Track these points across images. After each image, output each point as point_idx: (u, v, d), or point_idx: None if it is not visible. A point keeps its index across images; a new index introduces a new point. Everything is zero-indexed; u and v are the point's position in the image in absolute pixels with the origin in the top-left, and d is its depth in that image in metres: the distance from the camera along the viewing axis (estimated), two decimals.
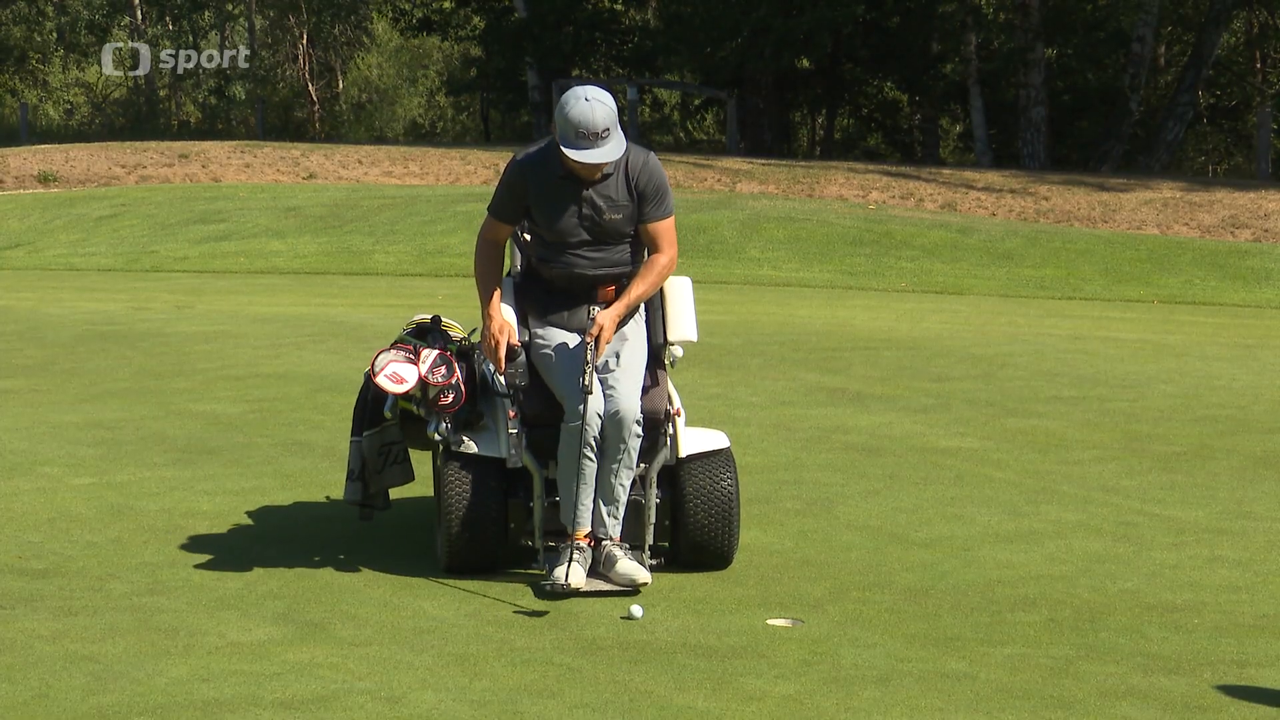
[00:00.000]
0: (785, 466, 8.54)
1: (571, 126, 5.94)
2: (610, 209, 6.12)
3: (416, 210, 26.38)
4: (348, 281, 19.70)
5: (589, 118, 5.94)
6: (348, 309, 16.01)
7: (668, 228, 6.23)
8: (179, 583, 6.21)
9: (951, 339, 13.78)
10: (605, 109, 5.97)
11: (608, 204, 6.12)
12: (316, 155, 34.65)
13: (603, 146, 5.97)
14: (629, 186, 6.13)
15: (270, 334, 13.62)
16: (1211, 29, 36.15)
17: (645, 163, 6.17)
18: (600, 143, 5.97)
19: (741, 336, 13.90)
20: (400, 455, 6.51)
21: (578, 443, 6.09)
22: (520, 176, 6.17)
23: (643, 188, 6.14)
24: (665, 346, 6.45)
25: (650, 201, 6.16)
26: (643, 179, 6.15)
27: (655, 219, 6.20)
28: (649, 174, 6.15)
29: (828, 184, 31.66)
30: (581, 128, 5.94)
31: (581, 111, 5.94)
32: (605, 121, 5.95)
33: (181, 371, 11.53)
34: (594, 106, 5.94)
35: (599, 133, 5.94)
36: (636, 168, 6.14)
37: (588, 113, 5.94)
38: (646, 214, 6.17)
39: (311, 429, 9.40)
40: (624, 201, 6.12)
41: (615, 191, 6.12)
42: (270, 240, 24.08)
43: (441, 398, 6.26)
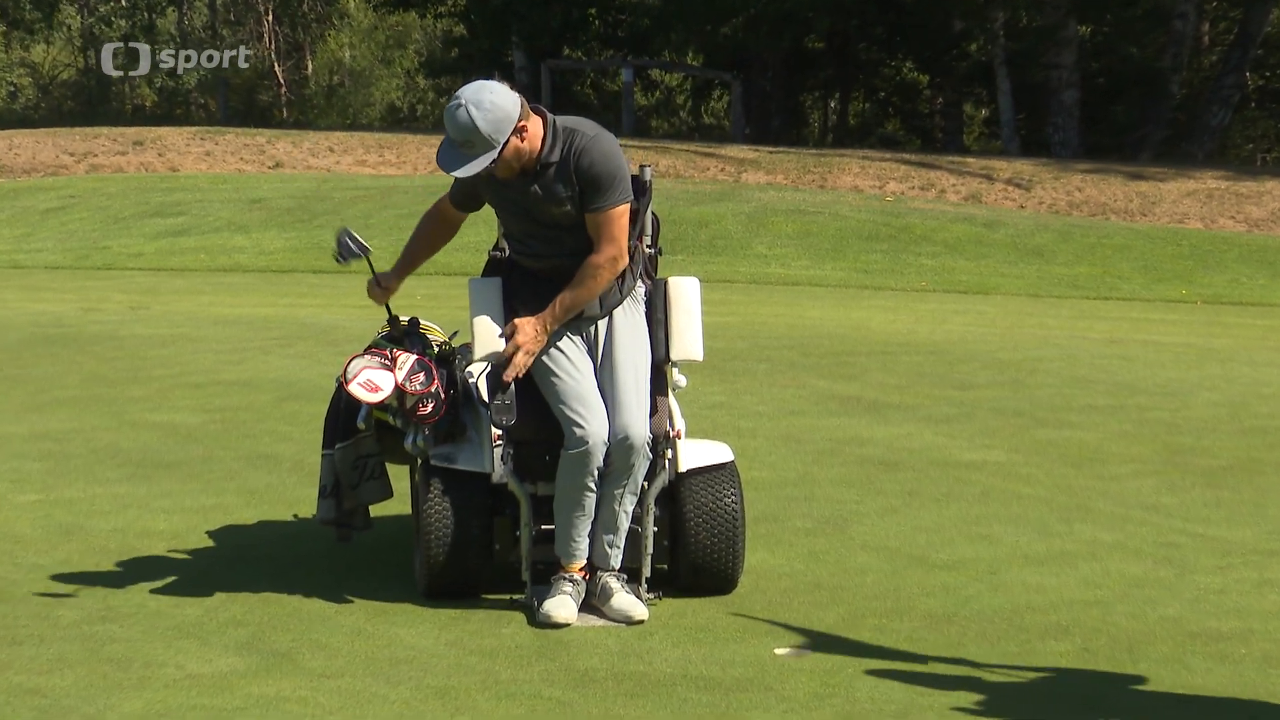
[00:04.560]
0: (795, 482, 8.54)
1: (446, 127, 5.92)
2: (558, 202, 6.01)
3: (393, 202, 26.38)
4: (318, 280, 19.69)
5: (453, 123, 5.84)
6: (318, 310, 16.01)
7: (609, 220, 6.00)
8: (133, 609, 6.21)
9: (976, 343, 13.79)
10: (468, 119, 5.80)
11: (551, 195, 6.01)
12: (283, 143, 34.66)
13: (463, 159, 5.85)
14: (570, 170, 5.98)
15: (233, 337, 13.61)
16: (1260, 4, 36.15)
17: (586, 148, 5.94)
18: (461, 152, 5.85)
19: (747, 340, 13.90)
20: (376, 470, 6.51)
21: (580, 471, 6.05)
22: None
23: (584, 172, 5.97)
24: (668, 362, 6.35)
25: (592, 188, 5.98)
26: (584, 161, 5.94)
27: (595, 208, 5.97)
28: (593, 155, 5.95)
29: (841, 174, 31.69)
30: (451, 134, 5.86)
31: (449, 114, 5.86)
32: (463, 133, 5.80)
33: (136, 378, 11.53)
34: (459, 114, 5.80)
35: (460, 141, 5.83)
36: (578, 148, 5.98)
37: (451, 117, 5.84)
38: (587, 203, 6.00)
39: (279, 441, 9.40)
40: (566, 192, 5.99)
41: (558, 181, 6.00)
42: (233, 235, 24.08)
43: (420, 407, 6.26)
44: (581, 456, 6.02)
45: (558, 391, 6.09)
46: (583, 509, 6.11)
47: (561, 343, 6.16)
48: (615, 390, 6.08)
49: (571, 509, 6.12)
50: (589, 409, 6.04)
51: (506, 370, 6.06)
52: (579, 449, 6.01)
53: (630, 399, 6.07)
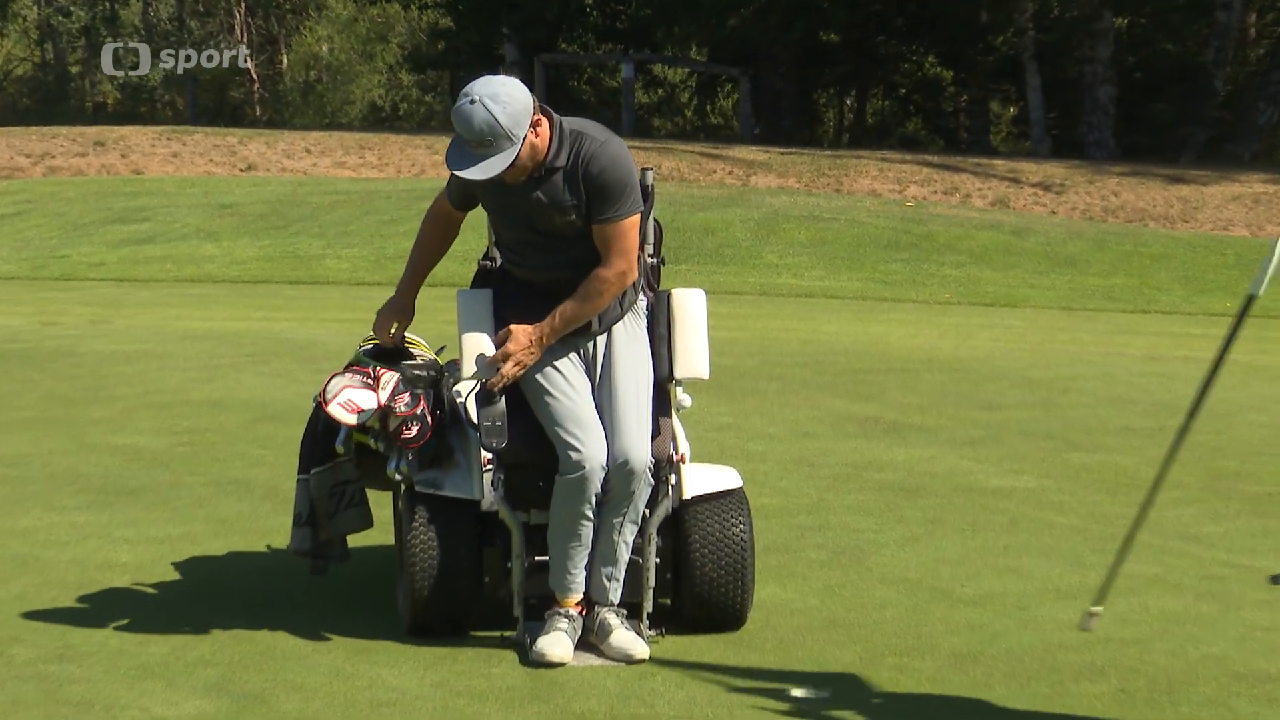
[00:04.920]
0: (808, 509, 8.54)
1: (456, 128, 5.90)
2: (562, 210, 6.01)
3: (375, 208, 26.41)
4: (294, 291, 19.71)
5: (464, 122, 5.83)
6: (294, 324, 16.02)
7: (619, 233, 6.01)
8: (93, 648, 6.21)
9: (1004, 359, 13.80)
10: (487, 117, 5.80)
11: (555, 203, 6.01)
12: (256, 143, 34.70)
13: (480, 160, 5.84)
14: (578, 177, 5.99)
15: (202, 354, 13.62)
16: None
17: (595, 152, 5.95)
18: (478, 153, 5.84)
19: (757, 356, 13.91)
20: (356, 497, 6.51)
21: (576, 498, 6.05)
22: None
23: (593, 179, 5.97)
24: (671, 380, 6.35)
25: (601, 197, 5.99)
26: (593, 168, 5.94)
27: (605, 219, 5.99)
28: (603, 162, 5.98)
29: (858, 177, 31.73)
30: (459, 130, 5.85)
31: (461, 113, 5.83)
32: (482, 132, 5.80)
33: (97, 398, 11.53)
34: (474, 111, 5.80)
35: (478, 142, 5.82)
36: (587, 154, 5.98)
37: (465, 116, 5.82)
38: (595, 213, 6.00)
39: (251, 466, 9.40)
40: (573, 201, 5.99)
41: (564, 187, 6.00)
42: (202, 243, 24.10)
43: (405, 429, 6.26)
44: (578, 482, 6.02)
45: (552, 412, 6.08)
46: (579, 539, 6.11)
47: (556, 360, 6.15)
48: (615, 411, 6.08)
49: (567, 539, 6.12)
50: (586, 431, 6.03)
51: (493, 378, 6.05)
52: (575, 474, 6.01)
53: (630, 420, 6.07)
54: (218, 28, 51.66)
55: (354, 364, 6.45)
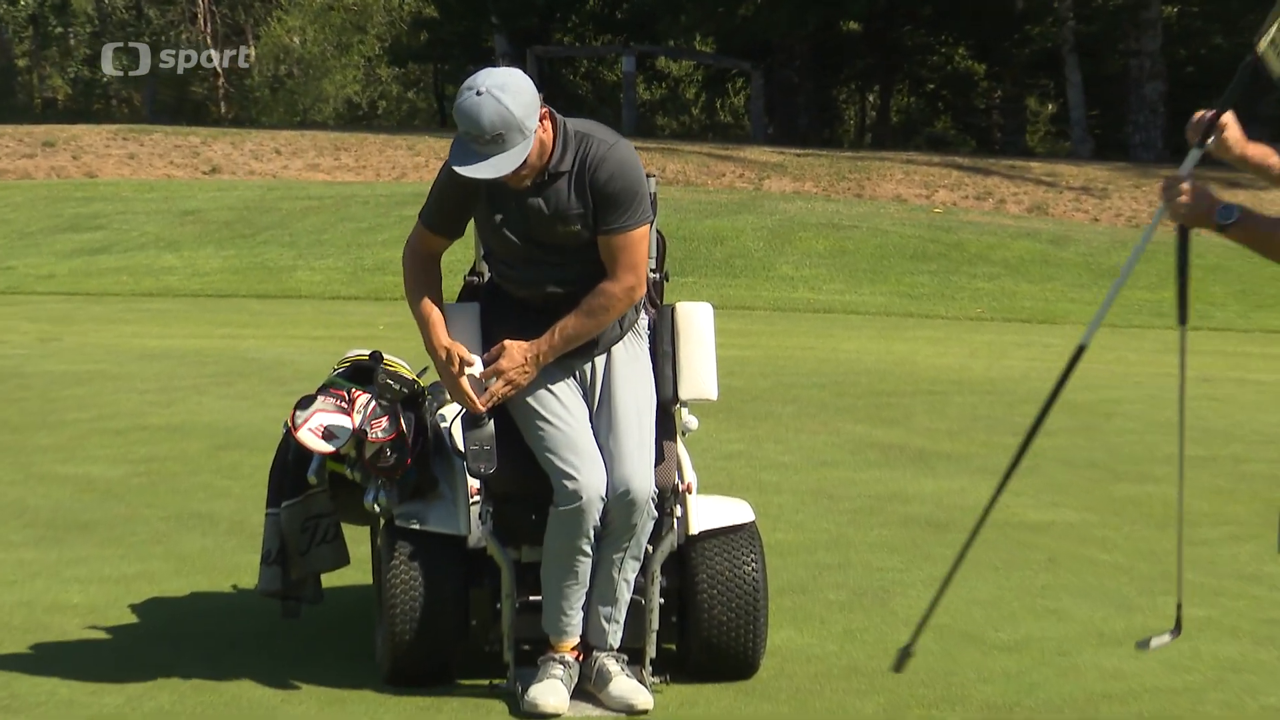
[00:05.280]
0: (827, 546, 8.54)
1: (460, 126, 5.88)
2: (564, 219, 6.02)
3: (351, 214, 26.43)
4: (262, 306, 19.72)
5: (472, 117, 5.83)
6: (262, 342, 16.03)
7: (631, 244, 6.04)
8: (42, 697, 6.20)
9: (1041, 380, 13.79)
10: (499, 109, 5.81)
11: (560, 212, 6.02)
12: (221, 143, 34.75)
13: (492, 157, 5.84)
14: (585, 183, 6.01)
15: (161, 375, 13.62)
16: None
17: (604, 157, 5.98)
18: (489, 150, 5.84)
19: (770, 378, 13.91)
20: (330, 532, 6.51)
21: (572, 532, 6.03)
22: (455, 177, 6.12)
23: (601, 187, 6.00)
24: (676, 402, 6.35)
25: (610, 206, 6.01)
26: (601, 175, 5.98)
27: (614, 230, 6.01)
28: (612, 168, 6.01)
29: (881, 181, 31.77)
30: (467, 128, 5.85)
31: (467, 108, 5.84)
32: (494, 125, 5.80)
33: (46, 424, 11.53)
34: (483, 103, 5.81)
35: (488, 137, 5.82)
36: (595, 158, 6.01)
37: (473, 110, 5.83)
38: (603, 223, 6.02)
39: (214, 498, 9.40)
40: (578, 209, 6.00)
41: (568, 194, 6.01)
42: (161, 253, 24.12)
43: (383, 458, 6.26)
44: (574, 514, 6.01)
45: (545, 438, 6.07)
46: (576, 577, 6.10)
47: (550, 382, 6.14)
48: (615, 437, 6.07)
49: (562, 577, 6.12)
50: (582, 458, 6.03)
51: (481, 397, 6.05)
52: (571, 505, 6.00)
53: (632, 446, 6.06)
54: (179, 17, 51.72)
55: (328, 386, 6.45)
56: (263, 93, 52.57)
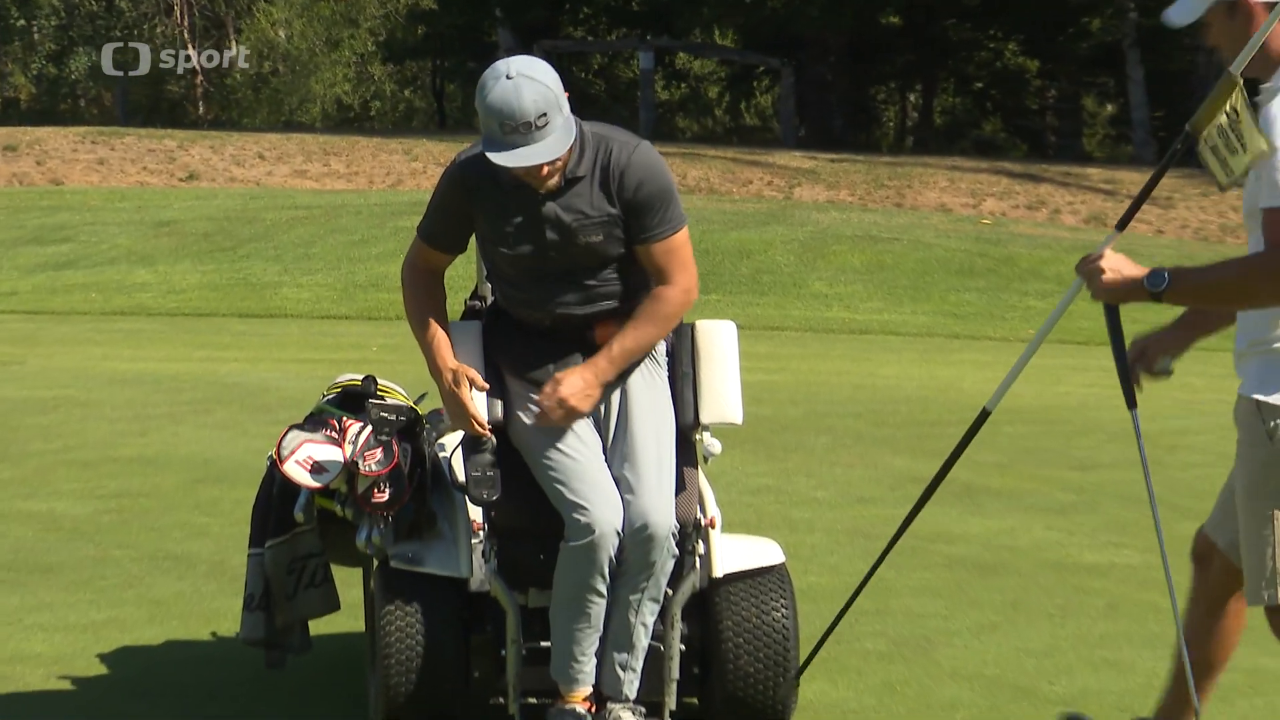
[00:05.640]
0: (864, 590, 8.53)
1: (492, 117, 5.85)
2: (585, 227, 6.05)
3: (341, 226, 26.46)
4: (243, 326, 19.74)
5: (511, 102, 5.84)
6: (244, 365, 16.05)
7: (678, 246, 6.13)
8: None
9: (1100, 409, 13.77)
10: (537, 88, 5.85)
11: (580, 220, 6.05)
12: (199, 148, 34.82)
13: (537, 142, 5.87)
14: (611, 190, 6.06)
15: (134, 401, 13.64)
16: None
17: (631, 158, 6.04)
18: (533, 136, 5.86)
19: (802, 405, 13.91)
20: (319, 574, 6.52)
21: (584, 571, 6.03)
22: (458, 185, 6.10)
23: (632, 194, 6.04)
24: (696, 428, 6.38)
25: (647, 212, 6.06)
26: (630, 180, 6.03)
27: (658, 236, 6.09)
28: (641, 173, 6.06)
29: (923, 188, 31.79)
30: (505, 117, 5.85)
31: (502, 95, 5.85)
32: (537, 105, 5.84)
33: (7, 455, 11.55)
34: (519, 85, 5.84)
35: (530, 121, 5.84)
36: (620, 165, 6.05)
37: (509, 95, 5.84)
38: (644, 231, 6.08)
39: (192, 537, 9.41)
40: (602, 215, 6.03)
41: (590, 201, 6.05)
42: (134, 268, 24.16)
43: (376, 492, 6.26)
44: (586, 550, 6.00)
45: (554, 468, 6.07)
46: (588, 620, 6.10)
47: None
48: (632, 466, 6.06)
49: (573, 619, 6.11)
50: (594, 489, 6.02)
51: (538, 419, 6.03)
52: (582, 541, 5.99)
53: (650, 476, 6.06)
54: (152, 9, 51.85)
55: (317, 414, 6.46)
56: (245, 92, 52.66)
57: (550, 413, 6.01)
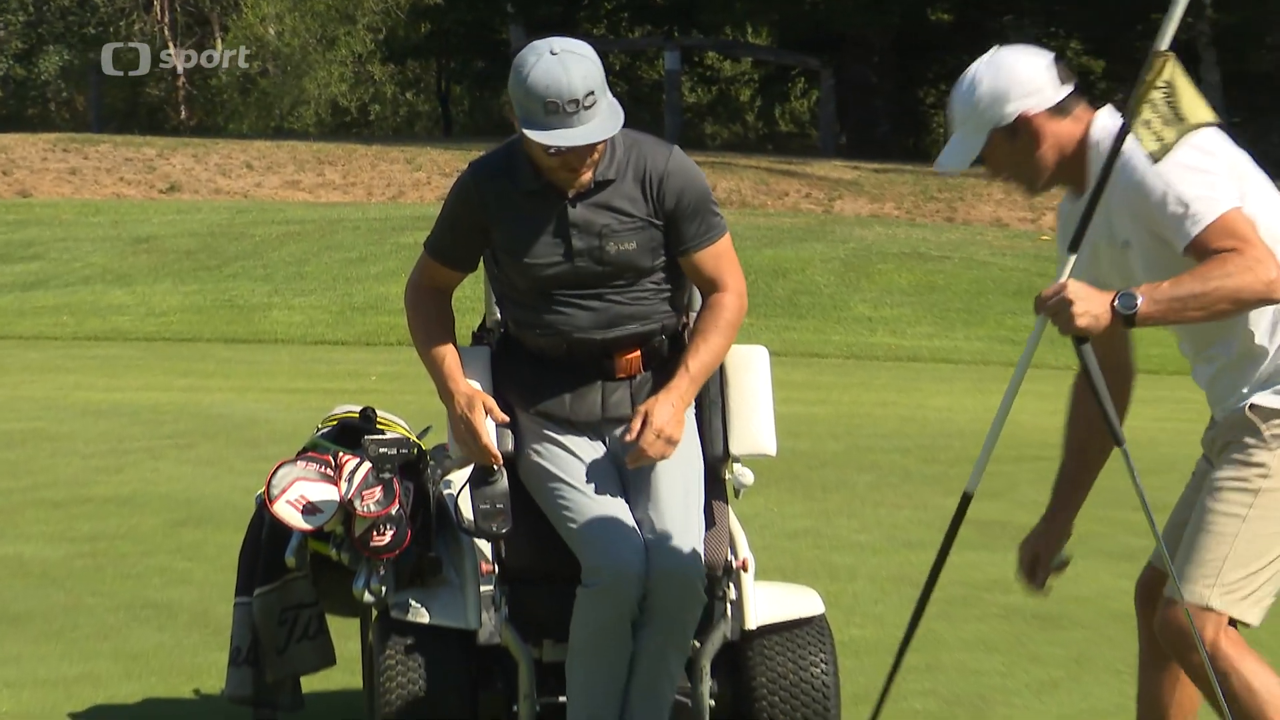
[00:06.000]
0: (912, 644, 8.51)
1: (535, 96, 5.87)
2: (616, 234, 6.08)
3: (337, 242, 26.49)
4: (230, 352, 19.76)
5: (560, 79, 5.88)
6: (230, 396, 16.07)
7: (726, 249, 6.22)
8: None
9: (1175, 444, 13.72)
10: (585, 64, 5.92)
11: (612, 226, 6.08)
12: (181, 156, 34.88)
13: (588, 122, 5.92)
14: (649, 196, 6.11)
15: (109, 435, 13.66)
16: None
17: (669, 170, 6.11)
18: (581, 116, 5.91)
19: (843, 439, 13.90)
20: (312, 626, 6.52)
21: (605, 618, 6.02)
22: (472, 193, 6.12)
23: (676, 201, 6.11)
24: (726, 463, 6.40)
25: (692, 219, 6.13)
26: (671, 187, 6.11)
27: (706, 241, 6.18)
28: (681, 178, 6.13)
29: (977, 201, 31.77)
30: (552, 95, 5.88)
31: (548, 71, 5.89)
32: (586, 82, 5.89)
33: None
34: (565, 61, 5.89)
35: (578, 99, 5.89)
36: (659, 169, 6.11)
37: (556, 71, 5.89)
38: (691, 239, 6.14)
39: (173, 584, 9.42)
40: (639, 221, 6.09)
41: (625, 204, 6.10)
42: (110, 288, 24.19)
43: (375, 535, 6.27)
44: (605, 596, 5.99)
45: (569, 507, 6.06)
46: (608, 673, 6.08)
47: (569, 440, 6.16)
48: (655, 504, 6.06)
49: (591, 672, 6.10)
50: (614, 530, 6.01)
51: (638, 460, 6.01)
52: (600, 585, 5.98)
53: (675, 515, 6.06)
54: (130, 4, 51.99)
55: (310, 449, 6.47)
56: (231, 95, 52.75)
57: (649, 449, 6.00)
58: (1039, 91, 5.37)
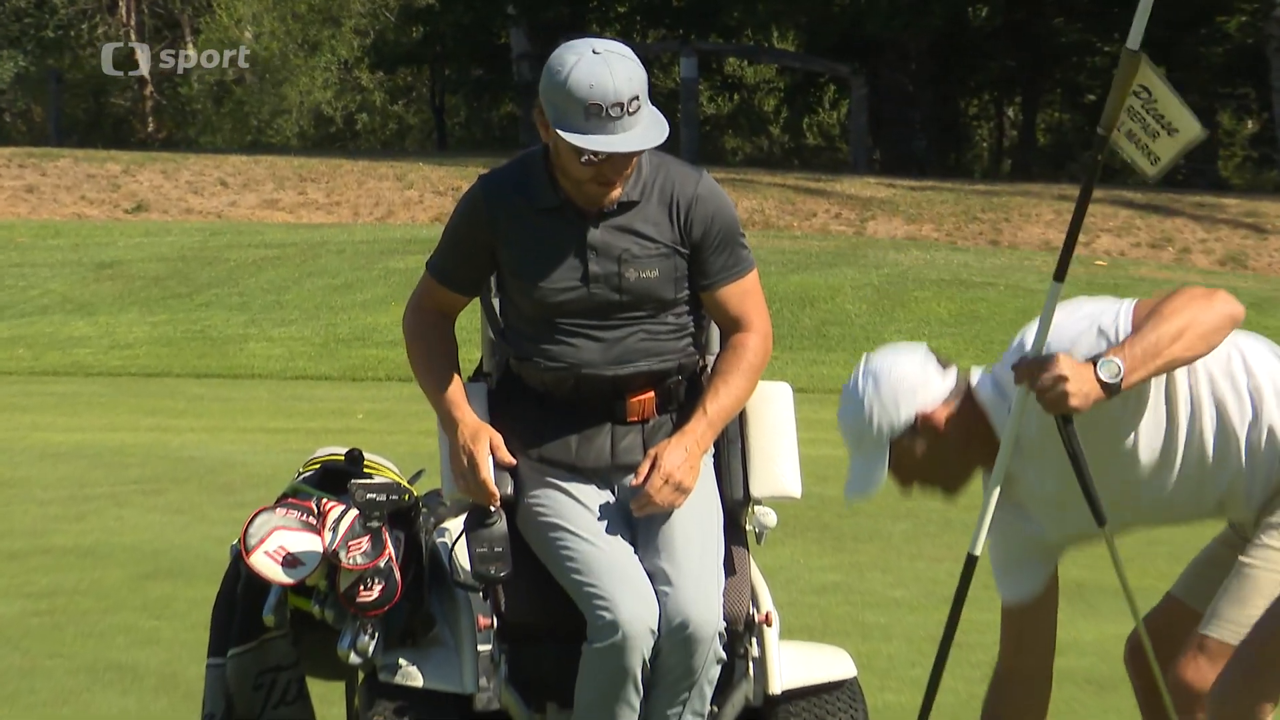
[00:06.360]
0: (953, 709, 8.52)
1: (575, 98, 5.90)
2: (637, 260, 6.12)
3: (321, 267, 26.52)
4: (202, 389, 19.78)
5: (605, 80, 5.92)
6: (202, 436, 16.08)
7: (753, 286, 6.28)
8: None
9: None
10: (630, 66, 5.96)
11: (632, 250, 6.12)
12: (149, 173, 34.92)
13: (631, 129, 5.96)
14: (675, 222, 6.14)
15: (69, 480, 13.66)
16: None
17: (699, 195, 6.16)
18: (624, 122, 5.94)
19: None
20: (292, 690, 6.52)
21: (612, 677, 6.02)
22: (481, 209, 6.15)
23: (705, 229, 6.15)
24: (746, 507, 6.43)
25: (721, 250, 6.18)
26: (700, 213, 6.15)
27: (733, 276, 6.23)
28: (712, 205, 6.17)
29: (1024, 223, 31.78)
30: (596, 97, 5.91)
31: (591, 71, 5.92)
32: (631, 85, 5.93)
33: None
34: (610, 61, 5.93)
35: (623, 103, 5.92)
36: (688, 195, 6.14)
37: (601, 72, 5.92)
38: (718, 272, 6.18)
39: (139, 644, 9.42)
40: (662, 248, 6.11)
41: (649, 228, 6.13)
42: (70, 318, 24.22)
43: (362, 590, 6.27)
44: (613, 653, 5.99)
45: (573, 557, 6.06)
46: None
47: (573, 487, 6.18)
48: (669, 554, 6.06)
49: None
50: (622, 581, 6.01)
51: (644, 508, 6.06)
52: (607, 642, 5.98)
53: (692, 565, 6.06)
54: (92, 6, 52.09)
55: (291, 495, 6.48)
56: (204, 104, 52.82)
57: (656, 495, 6.04)
58: (926, 384, 5.55)
